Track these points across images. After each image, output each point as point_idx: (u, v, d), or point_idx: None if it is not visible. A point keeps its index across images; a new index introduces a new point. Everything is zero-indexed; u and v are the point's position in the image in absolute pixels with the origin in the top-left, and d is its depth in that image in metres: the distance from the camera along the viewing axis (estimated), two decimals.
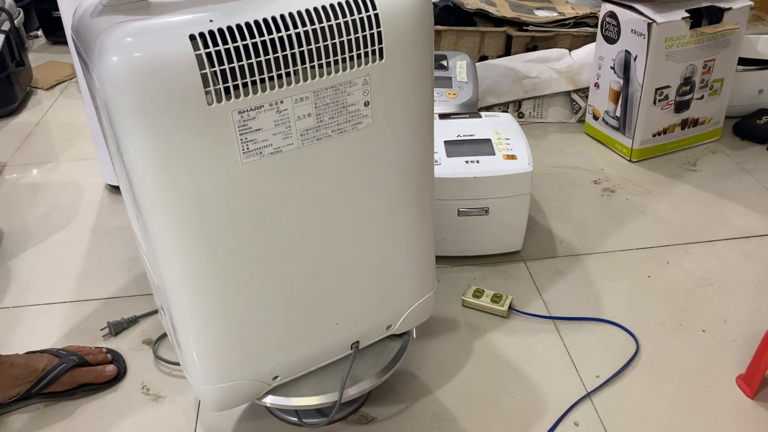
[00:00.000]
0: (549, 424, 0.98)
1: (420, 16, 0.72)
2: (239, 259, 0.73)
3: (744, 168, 1.60)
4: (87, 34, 0.65)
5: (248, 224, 0.72)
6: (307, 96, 0.69)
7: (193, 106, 0.63)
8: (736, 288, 1.23)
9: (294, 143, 0.70)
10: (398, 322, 0.93)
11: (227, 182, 0.68)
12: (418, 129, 0.79)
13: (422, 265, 0.91)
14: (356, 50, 0.69)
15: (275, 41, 0.65)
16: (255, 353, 0.82)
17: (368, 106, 0.73)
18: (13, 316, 1.21)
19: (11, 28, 2.02)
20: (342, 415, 1.00)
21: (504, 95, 1.79)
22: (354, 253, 0.82)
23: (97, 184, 1.60)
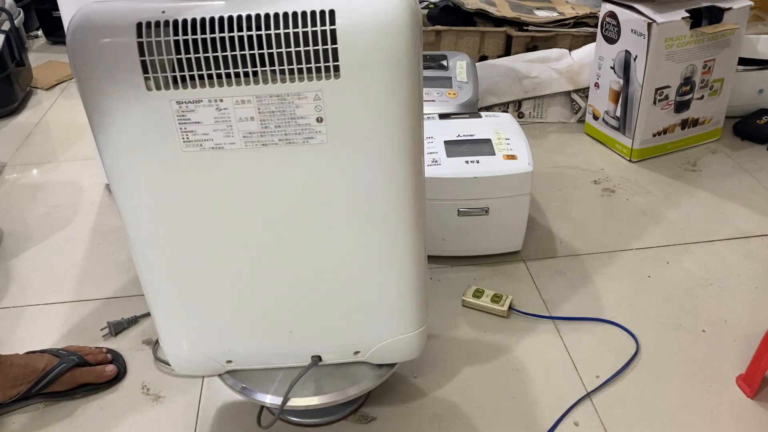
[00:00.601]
0: (549, 424, 0.98)
1: (395, 38, 0.65)
2: (183, 244, 0.76)
3: (744, 168, 1.60)
4: None
5: (191, 213, 0.74)
6: (250, 100, 0.68)
7: (133, 90, 0.67)
8: (736, 288, 1.23)
9: (236, 143, 0.70)
10: (368, 352, 0.89)
11: (170, 167, 0.71)
12: (387, 155, 0.72)
13: (399, 299, 0.84)
14: (306, 63, 0.66)
15: (217, 40, 0.65)
16: (204, 334, 0.85)
17: (321, 122, 0.70)
18: (13, 316, 1.21)
19: (11, 28, 2.02)
20: (342, 415, 1.00)
21: (504, 95, 1.79)
22: (309, 267, 0.79)
23: (97, 184, 1.60)
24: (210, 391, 1.05)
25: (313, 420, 0.99)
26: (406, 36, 0.65)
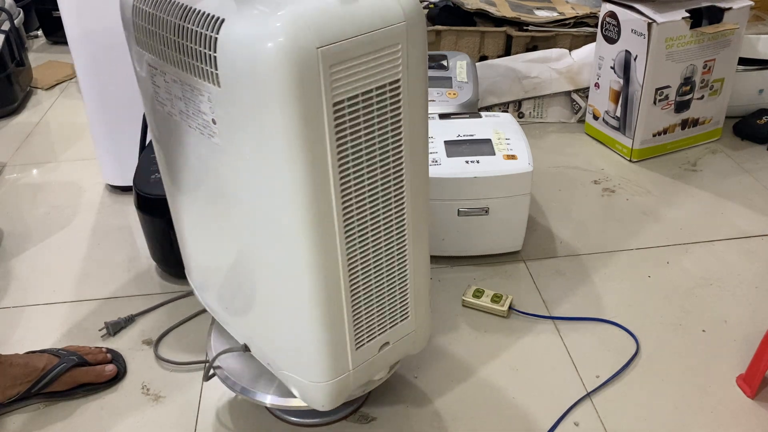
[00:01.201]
0: (549, 424, 0.98)
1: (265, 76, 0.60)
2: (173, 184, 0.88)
3: (744, 168, 1.60)
4: None
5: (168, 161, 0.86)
6: (177, 81, 0.72)
7: (132, 41, 0.80)
8: (736, 288, 1.23)
9: (176, 116, 0.77)
10: (278, 371, 0.86)
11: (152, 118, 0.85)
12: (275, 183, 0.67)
13: (296, 337, 0.78)
14: (197, 62, 0.66)
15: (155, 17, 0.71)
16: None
17: (215, 124, 0.70)
18: (13, 316, 1.21)
19: (11, 28, 2.02)
20: (342, 415, 1.00)
21: (504, 95, 1.79)
22: (227, 255, 0.82)
23: (97, 184, 1.60)
24: (210, 391, 1.05)
25: (313, 420, 0.99)
26: (278, 78, 0.60)
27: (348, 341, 0.79)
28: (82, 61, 1.39)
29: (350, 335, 0.79)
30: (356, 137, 0.67)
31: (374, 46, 0.65)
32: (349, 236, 0.72)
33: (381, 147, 0.70)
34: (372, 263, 0.77)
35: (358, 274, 0.76)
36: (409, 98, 0.70)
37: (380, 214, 0.75)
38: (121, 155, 1.49)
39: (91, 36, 1.35)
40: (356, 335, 0.80)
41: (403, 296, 0.83)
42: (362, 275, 0.76)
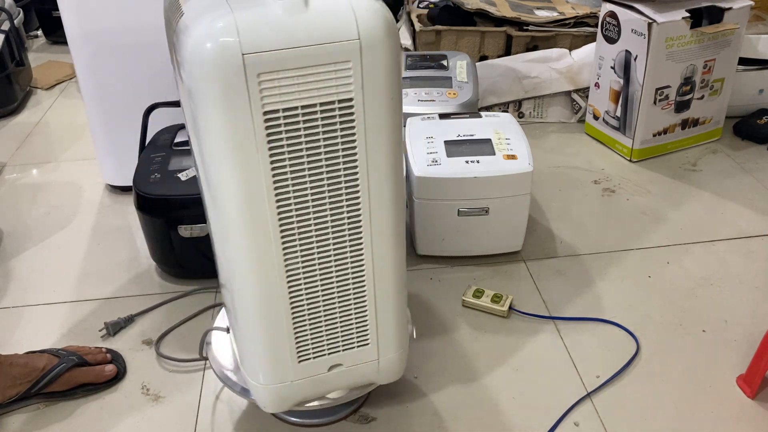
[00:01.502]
0: (549, 424, 0.98)
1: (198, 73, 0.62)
2: None
3: (744, 168, 1.60)
4: None
5: None
6: None
7: None
8: (736, 288, 1.23)
9: None
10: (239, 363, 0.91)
11: None
12: None
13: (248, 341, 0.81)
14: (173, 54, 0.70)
15: None
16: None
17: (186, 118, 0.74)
18: (13, 316, 1.21)
19: (11, 28, 2.02)
20: (342, 416, 1.00)
21: (504, 95, 1.79)
22: None
23: (97, 184, 1.60)
24: (210, 391, 1.05)
25: (313, 420, 0.99)
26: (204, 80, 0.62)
27: (288, 352, 0.80)
28: (82, 61, 1.39)
29: (290, 347, 0.79)
30: (296, 150, 0.66)
31: (316, 60, 0.62)
32: (288, 249, 0.72)
33: (329, 166, 0.68)
34: (319, 282, 0.76)
35: (302, 290, 0.75)
36: (368, 119, 0.67)
37: (329, 235, 0.73)
38: (121, 155, 1.49)
39: (90, 36, 1.35)
40: (298, 349, 0.80)
41: (361, 322, 0.82)
42: (306, 292, 0.76)
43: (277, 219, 0.70)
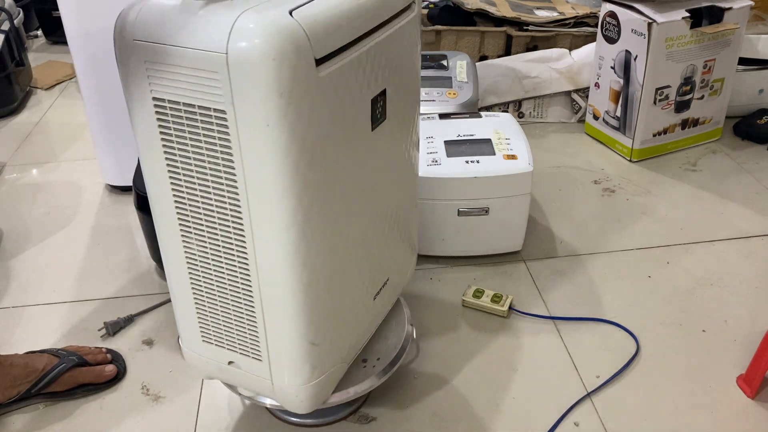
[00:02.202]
0: (549, 424, 0.98)
1: None
2: None
3: (744, 168, 1.60)
4: None
5: None
6: None
7: None
8: (736, 288, 1.23)
9: None
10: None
11: None
12: None
13: None
14: None
15: None
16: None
17: None
18: (13, 316, 1.21)
19: (11, 28, 2.02)
20: (342, 416, 1.00)
21: (504, 95, 1.79)
22: None
23: (97, 184, 1.60)
24: (210, 391, 1.05)
25: (313, 420, 0.99)
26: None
27: (193, 330, 0.84)
28: (82, 61, 1.39)
29: (194, 325, 0.84)
30: (183, 147, 0.69)
31: (188, 62, 0.63)
32: (185, 237, 0.76)
33: (213, 172, 0.68)
34: (214, 278, 0.77)
35: (198, 269, 0.78)
36: (243, 138, 0.64)
37: (218, 237, 0.73)
38: (121, 155, 1.49)
39: (91, 36, 1.35)
40: (201, 328, 0.84)
41: (252, 335, 0.79)
42: (204, 283, 0.79)
43: (175, 205, 0.74)
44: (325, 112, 0.67)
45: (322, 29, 0.64)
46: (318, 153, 0.68)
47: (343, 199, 0.74)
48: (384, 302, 0.95)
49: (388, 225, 0.88)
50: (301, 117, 0.64)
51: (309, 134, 0.66)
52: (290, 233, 0.69)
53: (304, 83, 0.63)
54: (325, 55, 0.65)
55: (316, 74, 0.64)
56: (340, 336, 0.83)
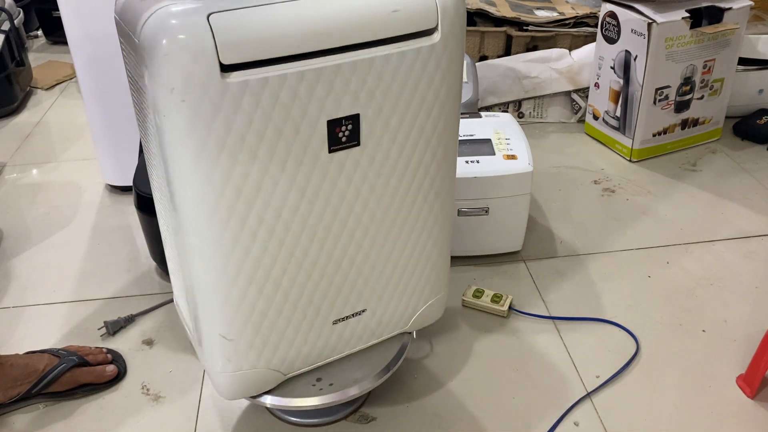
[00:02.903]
0: (549, 424, 0.98)
1: None
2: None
3: (744, 168, 1.60)
4: None
5: None
6: None
7: None
8: (736, 288, 1.23)
9: None
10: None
11: None
12: None
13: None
14: None
15: None
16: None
17: None
18: (13, 316, 1.21)
19: (11, 28, 2.02)
20: (342, 415, 1.00)
21: (504, 95, 1.79)
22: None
23: (97, 184, 1.60)
24: (210, 391, 1.05)
25: (313, 420, 0.99)
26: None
27: None
28: (82, 61, 1.39)
29: None
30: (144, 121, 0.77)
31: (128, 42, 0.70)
32: None
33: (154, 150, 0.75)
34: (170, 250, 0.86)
35: None
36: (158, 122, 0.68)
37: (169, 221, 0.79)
38: (121, 155, 1.49)
39: (91, 36, 1.35)
40: None
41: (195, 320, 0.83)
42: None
43: None
44: (242, 119, 0.66)
45: (239, 37, 0.63)
46: (231, 158, 0.68)
47: (270, 210, 0.73)
48: (358, 333, 0.90)
49: (363, 259, 0.83)
50: (201, 117, 0.64)
51: (215, 136, 0.66)
52: (190, 230, 0.72)
53: (202, 86, 0.63)
54: (237, 63, 0.64)
55: (222, 80, 0.63)
56: (267, 342, 0.82)
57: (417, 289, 0.92)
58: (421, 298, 0.93)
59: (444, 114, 0.79)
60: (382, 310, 0.91)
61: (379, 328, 0.93)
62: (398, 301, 0.91)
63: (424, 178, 0.83)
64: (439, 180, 0.84)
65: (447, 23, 0.74)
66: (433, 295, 0.95)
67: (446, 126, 0.80)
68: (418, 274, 0.90)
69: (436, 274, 0.93)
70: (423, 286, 0.92)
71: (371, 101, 0.73)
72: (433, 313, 0.97)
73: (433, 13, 0.73)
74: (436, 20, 0.73)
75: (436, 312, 0.98)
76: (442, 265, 0.93)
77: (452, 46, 0.75)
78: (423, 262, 0.90)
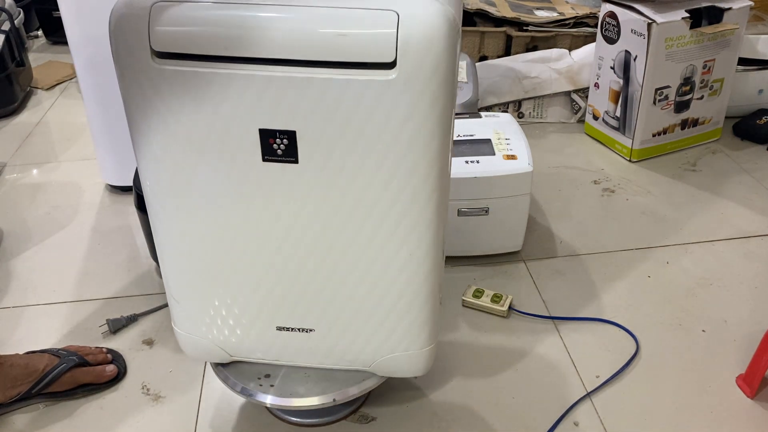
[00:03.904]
0: (549, 424, 0.98)
1: None
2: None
3: (744, 168, 1.60)
4: None
5: None
6: None
7: None
8: (736, 288, 1.23)
9: None
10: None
11: None
12: None
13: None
14: None
15: None
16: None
17: None
18: (13, 316, 1.21)
19: (11, 28, 2.02)
20: (342, 415, 1.00)
21: (504, 95, 1.79)
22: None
23: (97, 184, 1.60)
24: (210, 391, 1.05)
25: (313, 420, 0.99)
26: None
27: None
28: (82, 62, 1.39)
29: None
30: None
31: None
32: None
33: None
34: None
35: None
36: None
37: None
38: (121, 155, 1.49)
39: (91, 36, 1.35)
40: None
41: None
42: None
43: None
44: (175, 108, 0.70)
45: (172, 28, 0.66)
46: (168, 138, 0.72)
47: (206, 197, 0.76)
48: (307, 351, 0.88)
49: (308, 278, 0.81)
50: (137, 96, 0.70)
51: (151, 119, 0.72)
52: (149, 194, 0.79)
53: (136, 67, 0.68)
54: (167, 52, 0.67)
55: (154, 65, 0.68)
56: (211, 321, 0.87)
57: (380, 332, 0.85)
58: (387, 342, 0.86)
59: (410, 157, 0.71)
60: (335, 339, 0.86)
61: (332, 356, 0.88)
62: (355, 336, 0.85)
63: (380, 222, 0.75)
64: (405, 228, 0.75)
65: (410, 60, 0.65)
66: (407, 344, 0.86)
67: (414, 170, 0.71)
68: (380, 316, 0.83)
69: (410, 322, 0.84)
70: (388, 330, 0.85)
71: (310, 122, 0.69)
72: (409, 365, 0.88)
73: (389, 46, 0.64)
74: (393, 55, 0.65)
75: (414, 365, 0.88)
76: (421, 315, 0.83)
77: (420, 88, 0.66)
78: (388, 305, 0.82)
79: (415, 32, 0.64)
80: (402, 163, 0.71)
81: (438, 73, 0.66)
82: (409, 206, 0.74)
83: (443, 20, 0.64)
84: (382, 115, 0.68)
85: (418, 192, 0.73)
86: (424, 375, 1.06)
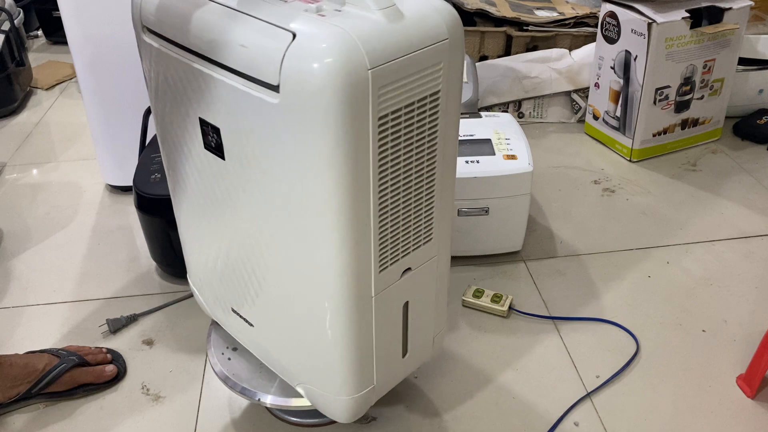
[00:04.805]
0: (549, 424, 0.98)
1: None
2: None
3: (744, 168, 1.60)
4: None
5: None
6: None
7: None
8: (736, 288, 1.23)
9: None
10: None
11: None
12: None
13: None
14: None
15: None
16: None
17: None
18: (13, 316, 1.21)
19: (11, 28, 2.02)
20: None
21: (504, 95, 1.79)
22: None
23: (97, 184, 1.60)
24: (210, 391, 1.05)
25: (313, 420, 0.99)
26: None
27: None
28: (82, 62, 1.39)
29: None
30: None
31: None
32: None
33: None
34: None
35: None
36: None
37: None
38: (121, 155, 1.49)
39: (91, 36, 1.35)
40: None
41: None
42: None
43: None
44: (160, 77, 0.77)
45: (150, 10, 0.74)
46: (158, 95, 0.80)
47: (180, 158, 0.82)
48: (255, 344, 0.88)
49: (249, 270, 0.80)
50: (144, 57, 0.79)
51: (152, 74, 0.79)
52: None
53: (139, 36, 0.78)
54: (148, 27, 0.75)
55: (143, 37, 0.77)
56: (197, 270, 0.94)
57: (299, 353, 0.80)
58: (303, 371, 0.82)
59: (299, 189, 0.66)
60: (269, 342, 0.85)
61: (269, 358, 0.87)
62: (281, 347, 0.83)
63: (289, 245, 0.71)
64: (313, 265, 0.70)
65: (293, 88, 0.59)
66: (323, 382, 0.79)
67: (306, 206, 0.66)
68: (297, 336, 0.79)
69: (324, 359, 0.77)
70: (305, 355, 0.80)
71: (229, 123, 0.69)
72: (325, 406, 0.82)
73: (273, 69, 0.60)
74: (277, 79, 0.60)
75: (331, 408, 0.82)
76: (336, 357, 0.75)
77: (299, 119, 0.61)
78: (303, 328, 0.77)
79: (305, 59, 0.58)
80: (292, 196, 0.67)
81: (331, 107, 0.59)
82: (309, 245, 0.69)
83: (343, 50, 0.58)
84: (273, 137, 0.64)
85: (312, 231, 0.67)
86: (424, 375, 1.06)
